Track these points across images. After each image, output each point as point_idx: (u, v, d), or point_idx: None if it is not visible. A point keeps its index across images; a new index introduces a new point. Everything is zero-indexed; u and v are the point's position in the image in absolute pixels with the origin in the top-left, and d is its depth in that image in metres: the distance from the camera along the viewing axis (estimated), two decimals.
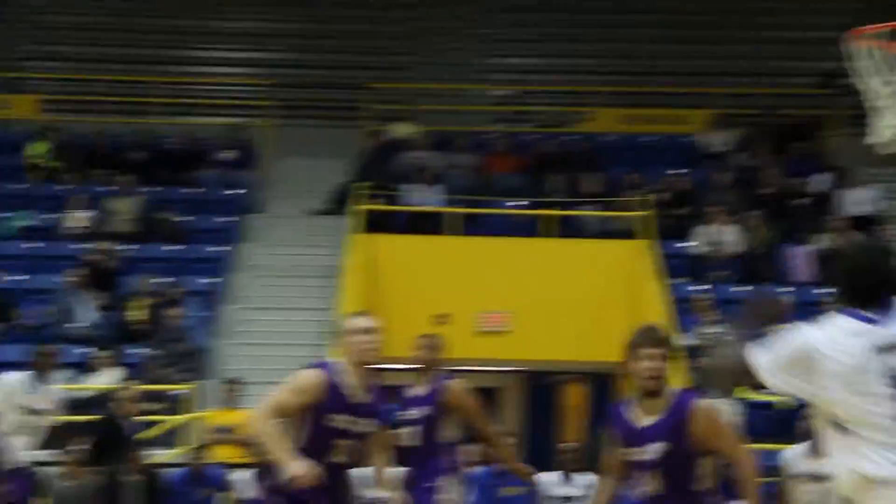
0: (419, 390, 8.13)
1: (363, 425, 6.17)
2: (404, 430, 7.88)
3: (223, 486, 11.70)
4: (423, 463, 7.59)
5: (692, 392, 6.09)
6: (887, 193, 19.50)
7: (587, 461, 13.06)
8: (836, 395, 3.86)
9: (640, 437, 5.79)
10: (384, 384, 7.09)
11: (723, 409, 6.86)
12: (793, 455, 8.56)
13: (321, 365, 6.28)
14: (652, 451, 5.78)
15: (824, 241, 18.09)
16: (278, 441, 5.96)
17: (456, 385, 7.70)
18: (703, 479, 5.61)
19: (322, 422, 6.03)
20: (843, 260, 4.44)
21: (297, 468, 5.80)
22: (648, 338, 5.58)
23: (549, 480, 12.98)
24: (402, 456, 8.31)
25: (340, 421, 6.06)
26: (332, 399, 6.05)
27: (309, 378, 6.07)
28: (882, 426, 3.83)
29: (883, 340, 3.94)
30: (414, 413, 7.92)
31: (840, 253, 12.73)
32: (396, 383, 8.92)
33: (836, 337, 3.94)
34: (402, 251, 17.91)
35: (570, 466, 12.94)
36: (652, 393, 5.51)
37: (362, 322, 6.27)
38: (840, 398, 3.85)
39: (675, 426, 5.42)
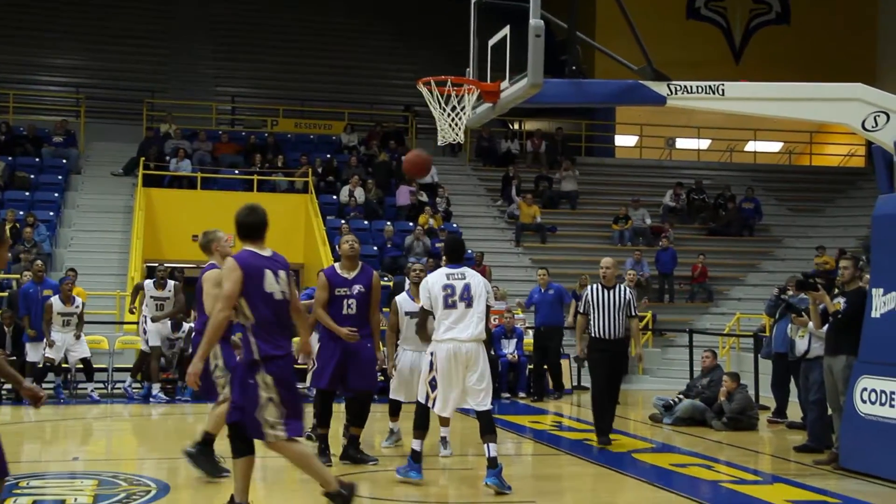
0: None
1: None
2: None
3: None
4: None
5: (370, 267, 8.16)
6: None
7: None
8: None
9: (346, 283, 8.14)
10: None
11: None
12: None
13: None
14: (355, 290, 8.16)
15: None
16: None
17: None
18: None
19: None
20: None
21: None
22: (347, 239, 7.82)
23: None
24: None
25: None
26: None
27: None
28: None
29: None
30: None
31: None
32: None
33: None
34: (168, 199, 21.43)
35: None
36: (352, 262, 8.05)
37: None
38: None
39: (364, 281, 7.87)
